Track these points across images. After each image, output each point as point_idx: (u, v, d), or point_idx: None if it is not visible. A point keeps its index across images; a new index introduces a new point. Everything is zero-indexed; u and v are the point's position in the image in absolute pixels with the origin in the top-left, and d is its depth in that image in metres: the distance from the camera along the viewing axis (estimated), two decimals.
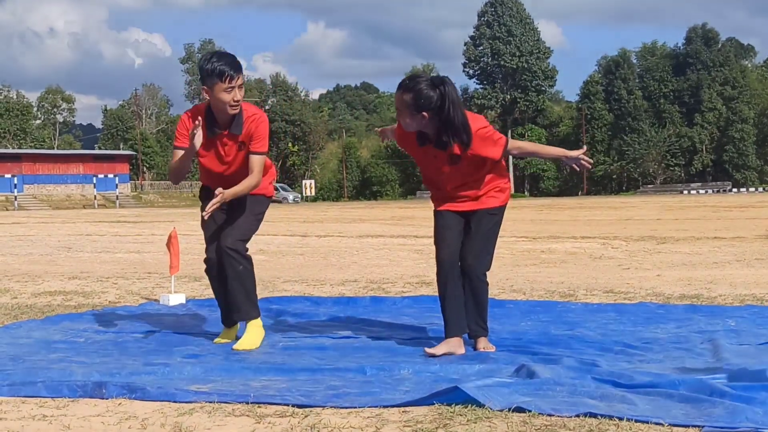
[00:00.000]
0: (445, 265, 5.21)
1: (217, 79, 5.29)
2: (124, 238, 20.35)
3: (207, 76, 5.33)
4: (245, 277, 5.51)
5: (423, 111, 5.02)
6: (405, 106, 5.05)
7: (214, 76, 5.29)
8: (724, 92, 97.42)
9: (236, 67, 5.35)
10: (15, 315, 7.15)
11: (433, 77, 5.13)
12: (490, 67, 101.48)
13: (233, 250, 5.46)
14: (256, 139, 5.45)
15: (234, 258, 5.46)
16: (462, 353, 5.07)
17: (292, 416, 3.70)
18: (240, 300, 5.53)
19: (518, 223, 24.96)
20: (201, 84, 5.42)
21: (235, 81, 5.32)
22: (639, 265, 11.03)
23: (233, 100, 5.34)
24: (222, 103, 5.35)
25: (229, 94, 5.32)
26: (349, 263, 12.23)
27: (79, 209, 65.71)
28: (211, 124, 5.44)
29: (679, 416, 3.50)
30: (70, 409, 3.92)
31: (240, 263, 5.48)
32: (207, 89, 5.37)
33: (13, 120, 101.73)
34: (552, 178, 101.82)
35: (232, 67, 5.32)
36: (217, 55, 5.40)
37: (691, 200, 52.18)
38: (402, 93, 5.07)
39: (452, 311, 5.19)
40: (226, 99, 5.33)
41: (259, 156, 5.47)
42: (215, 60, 5.34)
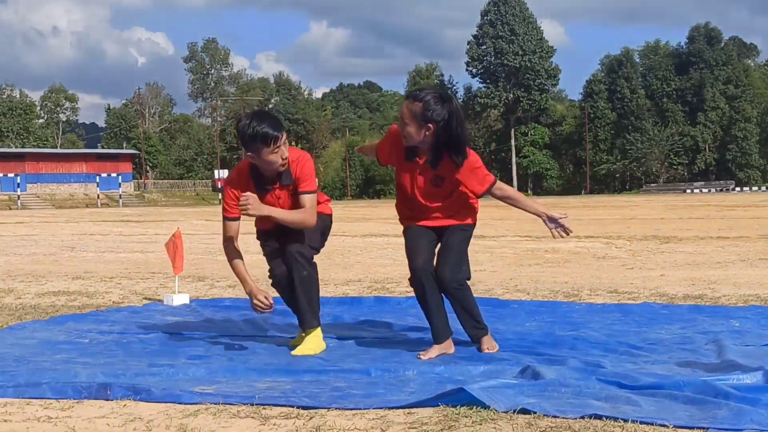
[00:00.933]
0: (419, 273, 5.17)
1: (261, 144, 5.20)
2: (128, 237, 20.36)
3: (250, 141, 5.22)
4: (308, 284, 5.41)
5: (429, 123, 5.01)
6: (412, 116, 5.04)
7: (258, 141, 5.19)
8: (727, 91, 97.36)
9: (278, 127, 5.24)
10: (19, 315, 7.16)
11: (441, 92, 5.14)
12: (493, 65, 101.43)
13: (300, 254, 5.38)
14: (303, 180, 5.37)
15: (300, 262, 5.38)
16: (452, 352, 5.16)
17: (297, 418, 3.70)
18: (303, 308, 5.45)
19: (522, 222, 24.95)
20: (245, 150, 5.30)
21: (280, 141, 5.23)
22: (643, 265, 11.03)
23: (281, 158, 5.27)
24: (271, 164, 5.27)
25: (276, 154, 5.24)
26: (353, 263, 12.23)
27: (82, 208, 65.75)
28: (259, 181, 5.37)
29: (683, 418, 3.50)
30: (74, 410, 3.92)
31: (305, 269, 5.39)
32: (253, 155, 5.26)
33: (16, 119, 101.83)
34: (555, 177, 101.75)
35: (274, 129, 5.21)
36: (257, 119, 5.27)
37: (695, 199, 52.15)
38: (411, 102, 5.07)
39: (436, 318, 5.21)
40: (275, 160, 5.25)
41: (309, 195, 5.38)
42: (255, 124, 5.21)
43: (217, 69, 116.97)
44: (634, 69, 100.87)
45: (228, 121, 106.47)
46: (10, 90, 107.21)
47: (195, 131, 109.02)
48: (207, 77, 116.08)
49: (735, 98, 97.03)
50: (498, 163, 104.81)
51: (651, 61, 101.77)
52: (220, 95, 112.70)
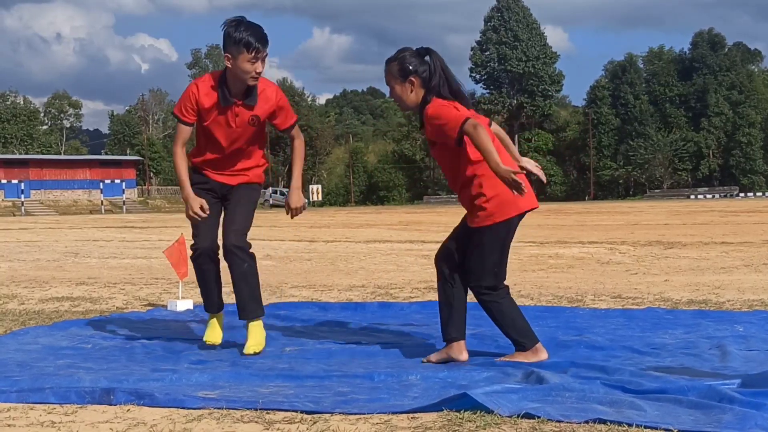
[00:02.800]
0: (436, 267, 5.22)
1: (243, 48, 5.22)
2: (132, 243, 20.36)
3: (233, 43, 5.25)
4: (250, 275, 5.44)
5: (411, 76, 5.02)
6: (392, 77, 5.07)
7: (241, 44, 5.22)
8: (731, 97, 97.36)
9: (263, 39, 5.29)
10: (22, 321, 7.15)
11: (417, 47, 5.12)
12: (496, 72, 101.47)
13: (238, 248, 5.39)
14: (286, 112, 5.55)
15: (239, 257, 5.39)
16: (463, 359, 5.00)
17: (301, 422, 3.70)
18: (245, 299, 5.48)
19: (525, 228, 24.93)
20: (223, 50, 5.33)
21: (260, 53, 5.26)
22: (647, 270, 11.01)
23: (255, 71, 5.29)
24: (244, 73, 5.28)
25: (252, 65, 5.26)
26: (356, 268, 12.22)
27: (86, 215, 65.81)
28: (224, 91, 5.37)
29: (688, 422, 3.49)
30: (78, 415, 3.92)
31: (245, 261, 5.41)
32: (230, 57, 5.28)
33: (20, 125, 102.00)
34: (559, 183, 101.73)
35: (259, 40, 5.25)
36: (245, 24, 5.30)
37: (699, 205, 52.10)
38: (388, 65, 5.10)
39: (442, 315, 5.13)
40: (249, 70, 5.27)
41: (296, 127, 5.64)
42: (243, 29, 5.25)
43: None
44: (637, 75, 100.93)
45: None
46: (14, 96, 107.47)
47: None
48: None
49: (739, 104, 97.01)
50: None
51: (654, 66, 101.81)
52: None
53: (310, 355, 5.38)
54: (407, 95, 5.07)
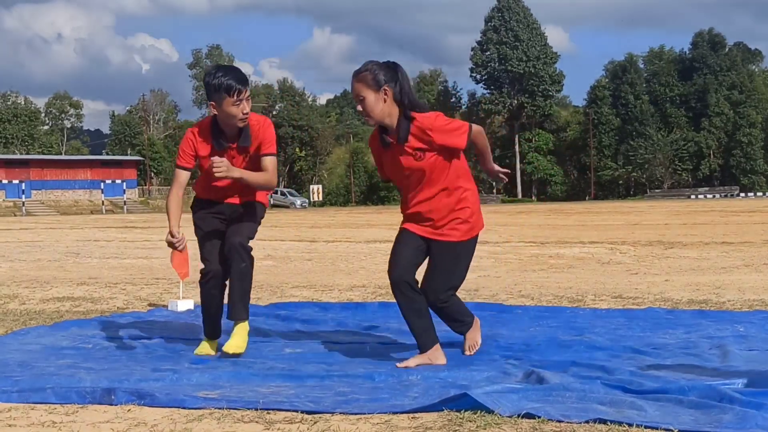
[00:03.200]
0: (396, 284, 5.06)
1: (224, 93, 5.25)
2: (132, 243, 20.37)
3: (214, 91, 5.29)
4: (245, 276, 5.45)
5: (384, 86, 5.03)
6: (366, 86, 5.05)
7: (222, 90, 5.25)
8: (732, 97, 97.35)
9: (243, 80, 5.32)
10: (23, 321, 7.16)
11: (385, 61, 5.16)
12: (497, 72, 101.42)
13: (242, 246, 5.42)
14: (265, 143, 5.44)
15: (241, 254, 5.41)
16: (443, 363, 4.98)
17: (301, 422, 3.70)
18: (236, 299, 5.46)
19: (526, 228, 24.95)
20: (208, 99, 5.38)
21: (243, 94, 5.29)
22: (647, 270, 11.01)
23: (242, 113, 5.31)
24: (231, 117, 5.31)
25: (237, 107, 5.28)
26: (357, 268, 12.23)
27: (86, 215, 65.82)
28: (217, 137, 5.41)
29: (688, 422, 3.49)
30: (79, 415, 3.92)
31: (244, 260, 5.43)
32: (214, 104, 5.33)
33: (21, 126, 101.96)
34: (559, 183, 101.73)
35: (238, 81, 5.28)
36: (222, 70, 5.36)
37: (699, 205, 52.10)
38: (358, 76, 5.09)
39: (417, 325, 5.06)
40: (235, 112, 5.29)
41: (271, 157, 5.45)
42: (221, 74, 5.29)
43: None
44: (638, 75, 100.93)
45: None
46: (15, 97, 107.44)
47: None
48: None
49: (739, 104, 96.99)
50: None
51: (655, 66, 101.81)
52: None
53: (310, 355, 5.39)
54: (380, 105, 5.05)
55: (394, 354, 5.36)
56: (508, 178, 5.54)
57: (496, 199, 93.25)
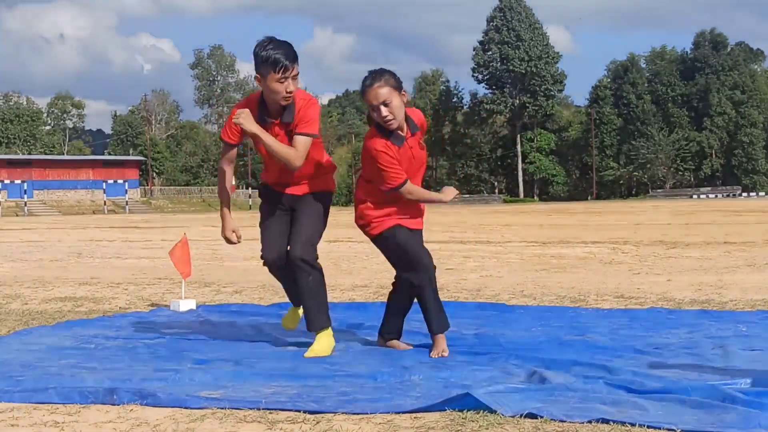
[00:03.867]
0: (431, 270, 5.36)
1: (270, 68, 5.10)
2: (134, 243, 20.38)
3: (261, 63, 5.13)
4: (315, 288, 5.36)
5: (403, 88, 5.16)
6: (392, 89, 5.09)
7: (268, 65, 5.10)
8: (734, 96, 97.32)
9: (292, 57, 5.14)
10: (26, 321, 7.16)
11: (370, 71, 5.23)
12: (499, 71, 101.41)
13: (303, 261, 5.30)
14: (303, 121, 5.26)
15: (304, 270, 5.31)
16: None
17: (304, 422, 3.70)
18: (311, 312, 5.41)
19: (528, 228, 24.94)
20: (255, 70, 5.22)
21: (289, 72, 5.13)
22: (649, 270, 11.01)
23: (286, 91, 5.16)
24: (274, 93, 5.17)
25: (282, 84, 5.13)
26: (359, 268, 12.22)
27: (88, 215, 65.86)
28: (262, 113, 5.27)
29: (691, 422, 3.49)
30: (81, 415, 3.92)
31: (310, 274, 5.32)
32: (259, 77, 5.19)
33: (23, 126, 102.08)
34: (561, 183, 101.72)
35: (287, 57, 5.11)
36: (273, 43, 5.17)
37: (701, 205, 52.08)
38: (384, 80, 5.11)
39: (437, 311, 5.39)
40: (279, 89, 5.15)
41: (304, 137, 5.26)
42: (270, 48, 5.13)
43: (224, 75, 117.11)
44: (640, 74, 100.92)
45: None
46: (17, 97, 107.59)
47: (201, 138, 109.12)
48: (213, 84, 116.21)
49: (741, 103, 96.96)
50: (504, 169, 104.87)
51: (657, 66, 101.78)
52: (227, 102, 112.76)
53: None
54: (402, 107, 5.15)
55: (397, 354, 5.36)
56: None
57: (497, 199, 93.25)
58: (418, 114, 5.41)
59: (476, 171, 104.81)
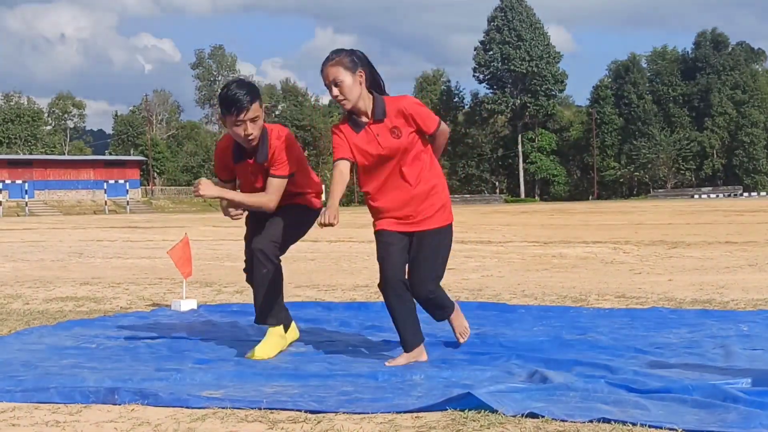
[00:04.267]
0: (390, 282, 5.02)
1: (225, 111, 5.07)
2: (136, 243, 20.38)
3: (220, 104, 5.13)
4: (266, 282, 5.32)
5: (359, 68, 4.99)
6: (345, 68, 4.95)
7: (223, 106, 5.08)
8: (735, 96, 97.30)
9: (249, 100, 5.05)
10: (27, 321, 7.16)
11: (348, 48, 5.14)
12: (500, 71, 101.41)
13: (261, 252, 5.26)
14: (275, 163, 5.24)
15: (261, 261, 5.27)
16: (425, 360, 5.04)
17: (305, 422, 3.70)
18: (258, 305, 5.41)
19: (529, 227, 24.94)
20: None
21: (243, 114, 5.04)
22: (651, 270, 11.00)
23: (244, 133, 5.10)
24: (235, 136, 5.16)
25: (239, 127, 5.08)
26: (360, 268, 12.23)
27: (89, 215, 65.87)
28: (239, 151, 5.26)
29: (692, 422, 3.49)
30: (82, 415, 3.92)
31: (265, 266, 5.28)
32: (222, 120, 5.18)
33: (24, 126, 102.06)
34: (562, 183, 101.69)
35: (242, 101, 5.03)
36: (235, 84, 5.14)
37: (702, 204, 52.06)
38: (335, 60, 4.98)
39: (404, 326, 5.08)
40: (238, 132, 5.10)
41: (278, 179, 5.24)
42: (226, 91, 5.09)
43: (225, 75, 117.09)
44: (641, 74, 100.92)
45: None
46: (18, 97, 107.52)
47: (202, 138, 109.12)
48: (214, 84, 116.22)
49: (742, 103, 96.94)
50: (505, 169, 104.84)
51: (658, 66, 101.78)
52: None
53: (314, 355, 5.39)
54: (357, 87, 4.98)
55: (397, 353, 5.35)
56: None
57: (499, 199, 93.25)
58: (399, 102, 5.06)
59: (477, 171, 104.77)
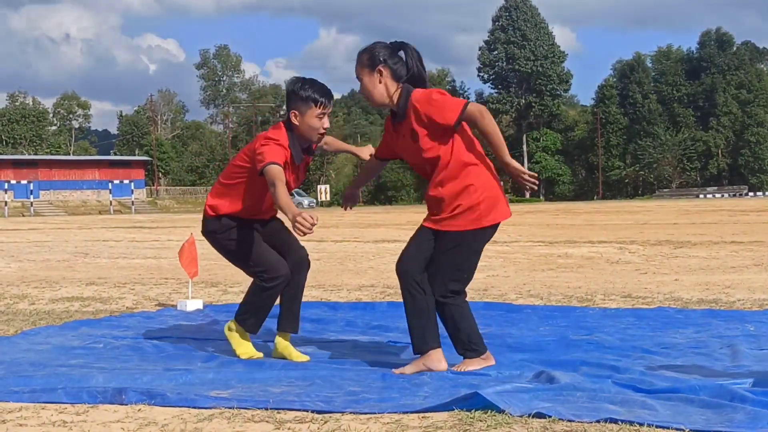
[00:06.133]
0: (400, 275, 4.87)
1: (312, 104, 5.27)
2: (141, 243, 20.39)
3: (301, 101, 5.28)
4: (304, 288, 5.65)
5: (379, 66, 4.86)
6: (361, 67, 4.94)
7: (310, 101, 5.27)
8: (740, 96, 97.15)
9: (330, 94, 5.37)
10: (33, 321, 7.17)
11: (392, 42, 4.99)
12: (504, 71, 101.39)
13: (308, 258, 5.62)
14: None
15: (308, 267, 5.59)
16: (442, 369, 4.70)
17: (312, 422, 3.70)
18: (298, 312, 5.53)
19: (534, 227, 24.92)
20: (288, 108, 5.34)
21: (327, 108, 5.34)
22: (656, 270, 10.99)
23: (323, 127, 5.36)
24: (312, 129, 5.33)
25: (320, 120, 5.31)
26: (365, 268, 12.23)
27: (95, 215, 65.93)
28: (296, 149, 5.37)
29: (699, 422, 3.48)
30: (89, 415, 3.93)
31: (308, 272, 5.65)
32: (296, 113, 5.30)
33: (29, 126, 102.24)
34: (567, 182, 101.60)
35: (327, 96, 5.32)
36: (310, 82, 5.36)
37: (708, 204, 51.99)
38: (357, 58, 4.99)
39: (411, 325, 4.81)
40: (317, 125, 5.31)
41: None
42: (308, 86, 5.31)
43: (229, 76, 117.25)
44: (645, 74, 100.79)
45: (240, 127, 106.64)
46: (23, 97, 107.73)
47: (207, 138, 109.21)
48: (219, 84, 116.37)
49: (747, 103, 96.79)
50: None
51: (663, 66, 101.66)
52: (232, 102, 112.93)
53: (320, 355, 5.39)
54: (375, 86, 4.89)
55: (404, 354, 5.36)
56: (536, 185, 5.14)
57: None
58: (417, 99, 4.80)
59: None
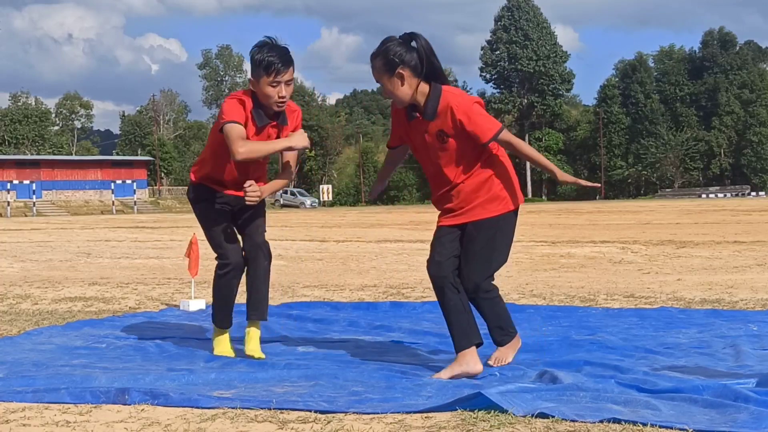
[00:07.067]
0: (435, 281, 4.76)
1: (263, 71, 5.01)
2: (143, 243, 20.40)
3: (254, 66, 5.05)
4: (268, 275, 5.43)
5: (398, 68, 4.68)
6: (379, 73, 4.75)
7: (261, 68, 5.01)
8: (742, 95, 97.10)
9: (285, 60, 5.03)
10: (36, 321, 7.17)
11: (402, 35, 4.80)
12: (506, 71, 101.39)
13: (267, 246, 5.39)
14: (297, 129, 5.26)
15: (266, 254, 5.37)
16: (478, 371, 4.63)
17: (315, 422, 3.70)
18: (263, 298, 5.42)
19: (537, 227, 24.91)
20: (250, 73, 5.12)
21: (281, 76, 5.02)
22: (659, 270, 10.99)
23: (278, 96, 5.07)
24: (266, 98, 5.07)
25: (273, 88, 5.04)
26: (368, 268, 12.23)
27: (97, 215, 65.95)
28: (258, 114, 5.13)
29: (703, 422, 3.48)
30: (93, 415, 3.92)
31: (268, 261, 5.39)
32: (253, 81, 5.09)
33: (31, 126, 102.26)
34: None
35: (281, 61, 5.01)
36: (268, 46, 5.08)
37: (710, 204, 51.96)
38: (373, 63, 4.79)
39: (449, 325, 4.75)
40: (271, 93, 5.04)
41: (295, 152, 5.30)
42: (266, 51, 5.04)
43: (231, 75, 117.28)
44: (648, 74, 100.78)
45: None
46: (26, 97, 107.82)
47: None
48: (221, 84, 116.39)
49: (750, 103, 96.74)
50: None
51: (665, 65, 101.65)
52: None
53: (323, 355, 5.39)
54: (399, 89, 4.72)
55: (407, 353, 5.35)
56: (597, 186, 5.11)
57: None
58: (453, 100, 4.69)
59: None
